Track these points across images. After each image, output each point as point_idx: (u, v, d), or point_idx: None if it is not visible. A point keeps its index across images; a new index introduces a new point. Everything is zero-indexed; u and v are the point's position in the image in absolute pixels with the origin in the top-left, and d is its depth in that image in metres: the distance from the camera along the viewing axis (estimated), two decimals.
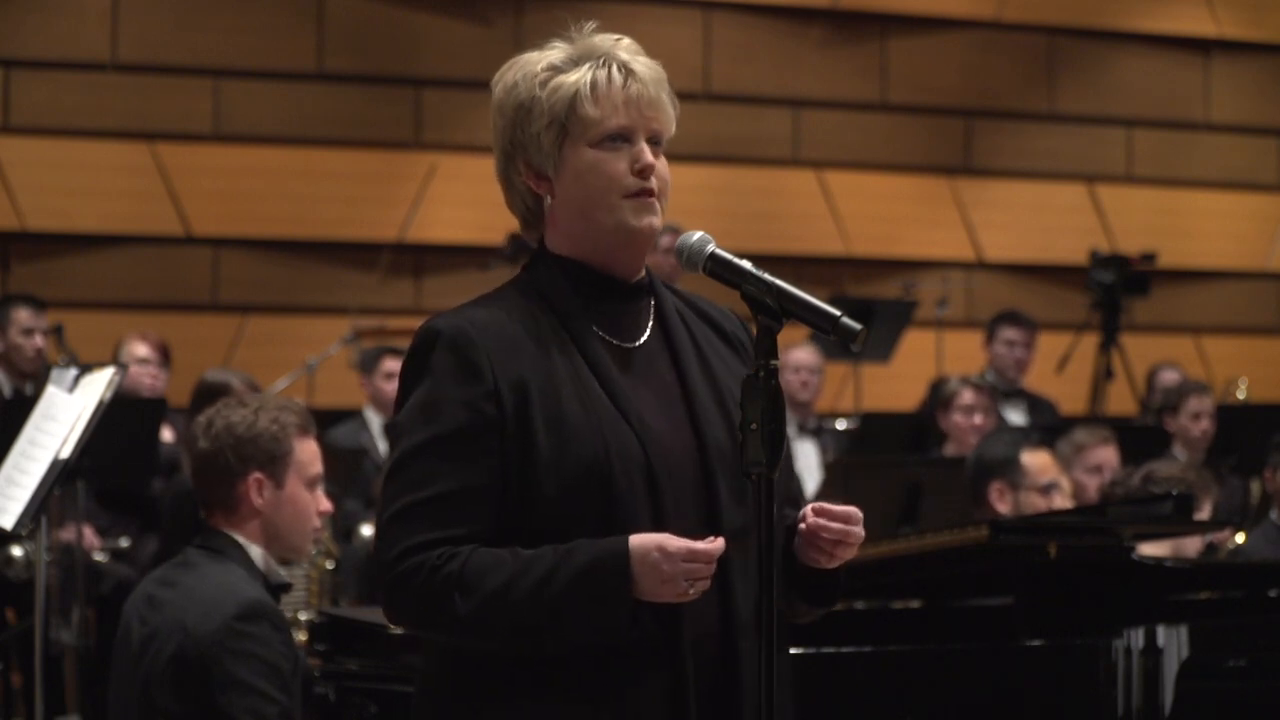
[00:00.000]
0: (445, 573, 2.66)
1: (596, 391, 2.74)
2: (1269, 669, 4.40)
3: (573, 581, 2.63)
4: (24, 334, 8.35)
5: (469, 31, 11.42)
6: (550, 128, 2.77)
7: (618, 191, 2.78)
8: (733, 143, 12.03)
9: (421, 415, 2.72)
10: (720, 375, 2.85)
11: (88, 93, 10.76)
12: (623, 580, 2.62)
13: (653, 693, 2.69)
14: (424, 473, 2.70)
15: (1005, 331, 9.72)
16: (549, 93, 2.77)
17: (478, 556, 2.67)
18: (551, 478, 2.69)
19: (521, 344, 2.75)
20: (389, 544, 2.69)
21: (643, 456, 2.72)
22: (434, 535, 2.68)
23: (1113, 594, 4.43)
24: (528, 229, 2.89)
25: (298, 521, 4.08)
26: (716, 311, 2.96)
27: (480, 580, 2.65)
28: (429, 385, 2.73)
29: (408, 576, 2.67)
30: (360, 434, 8.99)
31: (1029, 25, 12.77)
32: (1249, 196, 13.37)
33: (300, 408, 4.17)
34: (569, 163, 2.79)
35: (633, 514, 2.69)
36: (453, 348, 2.73)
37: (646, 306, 2.86)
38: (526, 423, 2.70)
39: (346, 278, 11.30)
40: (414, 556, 2.67)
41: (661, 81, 2.82)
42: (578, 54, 2.80)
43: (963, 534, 4.35)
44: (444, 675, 2.78)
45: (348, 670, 4.57)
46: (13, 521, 5.24)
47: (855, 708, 4.13)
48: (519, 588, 2.64)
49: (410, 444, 2.72)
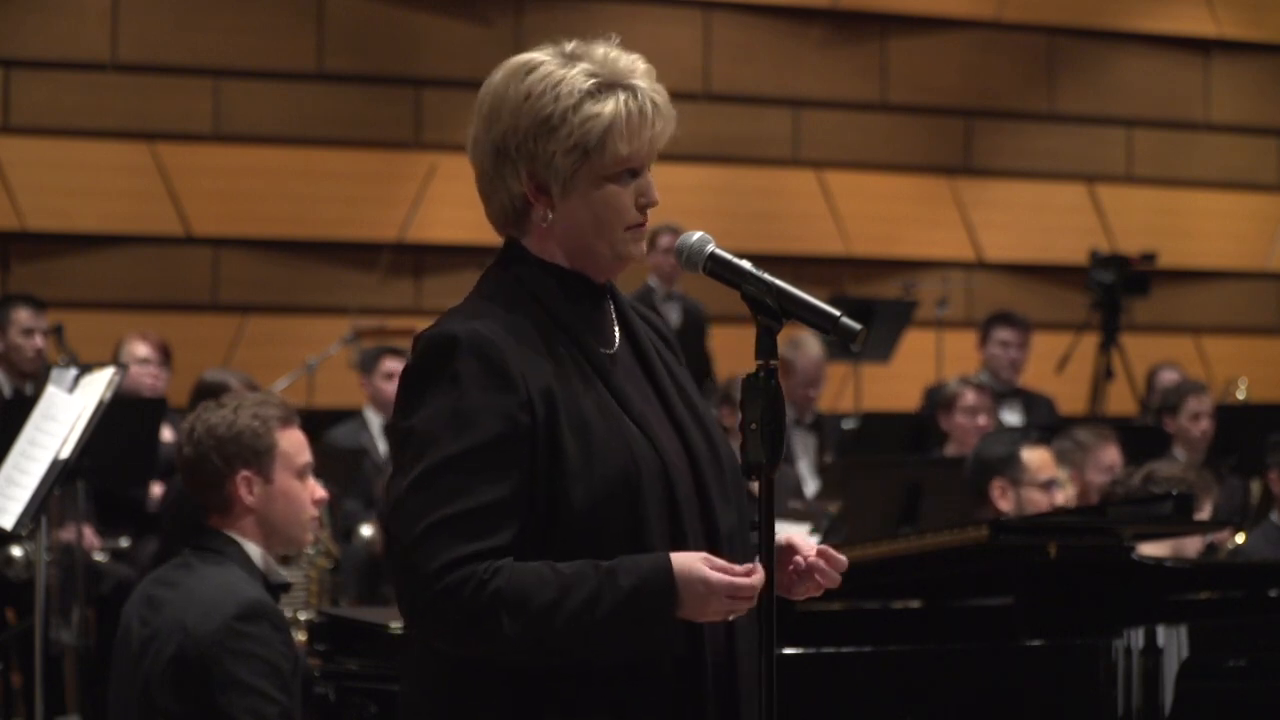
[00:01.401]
0: (492, 589, 2.61)
1: (609, 400, 2.74)
2: (1269, 669, 4.40)
3: (620, 605, 2.61)
4: (24, 334, 8.34)
5: (469, 31, 11.42)
6: (573, 152, 2.74)
7: (622, 224, 2.78)
8: (733, 143, 12.03)
9: (453, 424, 2.66)
10: (680, 376, 2.87)
11: (88, 93, 10.76)
12: (669, 603, 2.62)
13: (668, 695, 2.69)
14: (461, 484, 2.64)
15: (999, 332, 9.72)
16: (582, 119, 2.73)
17: (518, 573, 2.62)
18: (580, 488, 2.67)
19: (538, 352, 2.73)
20: (428, 557, 2.62)
21: (660, 465, 2.72)
22: (476, 548, 2.62)
23: (1113, 594, 4.43)
24: (504, 224, 2.83)
25: (292, 513, 4.07)
26: (650, 311, 2.98)
27: (525, 599, 2.61)
28: (456, 393, 2.67)
29: (453, 591, 2.61)
30: (360, 434, 8.98)
31: (1029, 25, 12.78)
32: (1249, 196, 13.37)
33: (280, 400, 4.17)
34: (581, 189, 2.76)
35: (654, 523, 2.69)
36: (480, 355, 2.68)
37: (609, 309, 2.86)
38: (555, 432, 2.68)
39: (346, 278, 11.30)
40: (458, 570, 2.61)
41: (673, 113, 2.81)
42: (606, 78, 2.75)
43: (963, 534, 4.35)
44: (436, 668, 2.74)
45: (347, 670, 4.57)
46: (13, 521, 5.24)
47: (855, 708, 4.13)
48: (565, 609, 2.60)
49: (444, 454, 2.65)
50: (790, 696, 2.91)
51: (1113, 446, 7.15)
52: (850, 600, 4.66)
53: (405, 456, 2.69)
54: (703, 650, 2.70)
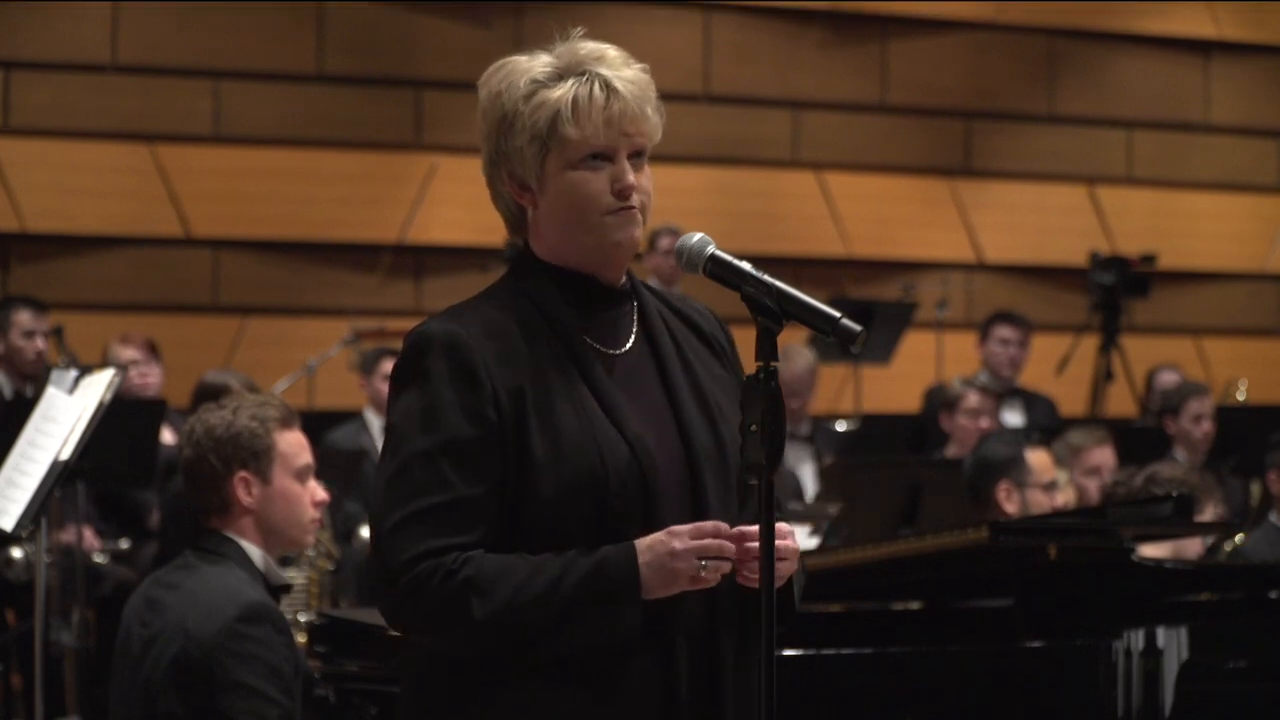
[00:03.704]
0: (462, 577, 2.65)
1: (588, 399, 2.75)
2: (1269, 671, 4.40)
3: (584, 579, 2.64)
4: (25, 336, 8.34)
5: (469, 33, 11.42)
6: (532, 143, 2.77)
7: (598, 210, 2.78)
8: (732, 144, 12.03)
9: (421, 421, 2.71)
10: (702, 378, 2.86)
11: (88, 94, 10.76)
12: (632, 574, 2.65)
13: (644, 681, 2.70)
14: (428, 479, 2.69)
15: (1000, 330, 9.72)
16: (532, 109, 2.75)
17: (489, 561, 2.66)
18: (547, 484, 2.69)
19: (515, 350, 2.75)
20: (395, 550, 2.67)
21: (635, 464, 2.72)
22: (443, 542, 2.66)
23: (1113, 595, 4.43)
24: (513, 230, 2.89)
25: (291, 514, 4.07)
26: (695, 312, 2.97)
27: (493, 583, 2.64)
28: (426, 391, 2.71)
29: (420, 582, 2.65)
30: (360, 435, 8.99)
31: (1029, 26, 12.77)
32: (1249, 197, 13.37)
33: (280, 401, 4.17)
34: (551, 179, 2.78)
35: (627, 521, 2.70)
36: (449, 354, 2.72)
37: (630, 311, 2.87)
38: (523, 429, 2.70)
39: (347, 279, 11.30)
40: (425, 562, 2.66)
41: (646, 94, 2.80)
42: (563, 66, 2.78)
43: (963, 535, 4.35)
44: (433, 668, 2.77)
45: (348, 672, 4.57)
46: (13, 523, 5.24)
47: (856, 709, 4.13)
48: (531, 588, 2.64)
49: (411, 450, 2.71)
50: (790, 698, 2.91)
51: (1101, 449, 7.15)
52: (850, 601, 4.66)
53: (383, 454, 2.76)
54: (669, 625, 2.70)
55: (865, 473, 7.47)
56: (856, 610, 4.66)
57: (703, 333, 2.94)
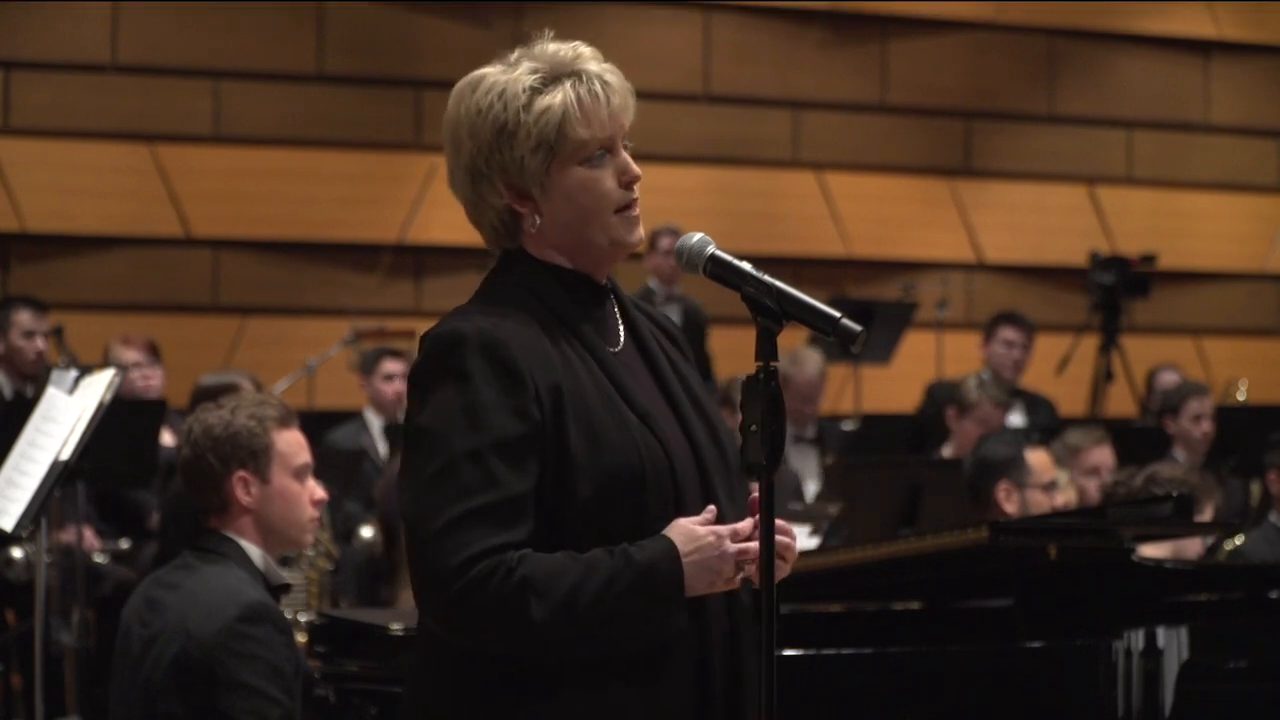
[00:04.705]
0: (519, 576, 2.62)
1: (615, 396, 2.76)
2: (1269, 671, 4.40)
3: (634, 582, 2.64)
4: (25, 336, 8.34)
5: (469, 33, 11.43)
6: (537, 151, 2.76)
7: (609, 208, 2.79)
8: (732, 144, 12.04)
9: (466, 420, 2.67)
10: (686, 375, 2.89)
11: (88, 94, 10.77)
12: (679, 575, 2.66)
13: (682, 675, 2.72)
14: (477, 478, 2.65)
15: (1003, 331, 9.72)
16: (535, 116, 2.75)
17: (543, 561, 2.64)
18: (585, 482, 2.69)
19: (545, 349, 2.74)
20: (448, 552, 2.62)
21: (666, 461, 2.74)
22: (500, 539, 2.63)
23: (1113, 595, 4.43)
24: (499, 241, 2.86)
25: (290, 513, 4.06)
26: (659, 313, 3.00)
27: (551, 583, 2.62)
28: (466, 389, 2.68)
29: (478, 583, 2.61)
30: (360, 435, 8.98)
31: (1029, 26, 12.78)
32: (1249, 197, 13.37)
33: (279, 401, 4.16)
34: (558, 183, 2.78)
35: (658, 517, 2.71)
36: (486, 352, 2.69)
37: (613, 309, 2.88)
38: (561, 427, 2.69)
39: (347, 279, 11.30)
40: (483, 562, 2.62)
41: (628, 86, 2.83)
42: (548, 70, 2.78)
43: (963, 535, 4.35)
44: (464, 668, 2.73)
45: (348, 672, 4.58)
46: (13, 523, 5.24)
47: (856, 709, 4.13)
48: (588, 590, 2.63)
49: (459, 449, 2.66)
50: (791, 698, 2.91)
51: (1100, 449, 7.14)
52: (850, 601, 4.66)
53: (417, 455, 2.70)
54: (709, 629, 2.73)
55: (865, 473, 7.46)
56: (856, 610, 4.66)
57: (669, 333, 2.96)
